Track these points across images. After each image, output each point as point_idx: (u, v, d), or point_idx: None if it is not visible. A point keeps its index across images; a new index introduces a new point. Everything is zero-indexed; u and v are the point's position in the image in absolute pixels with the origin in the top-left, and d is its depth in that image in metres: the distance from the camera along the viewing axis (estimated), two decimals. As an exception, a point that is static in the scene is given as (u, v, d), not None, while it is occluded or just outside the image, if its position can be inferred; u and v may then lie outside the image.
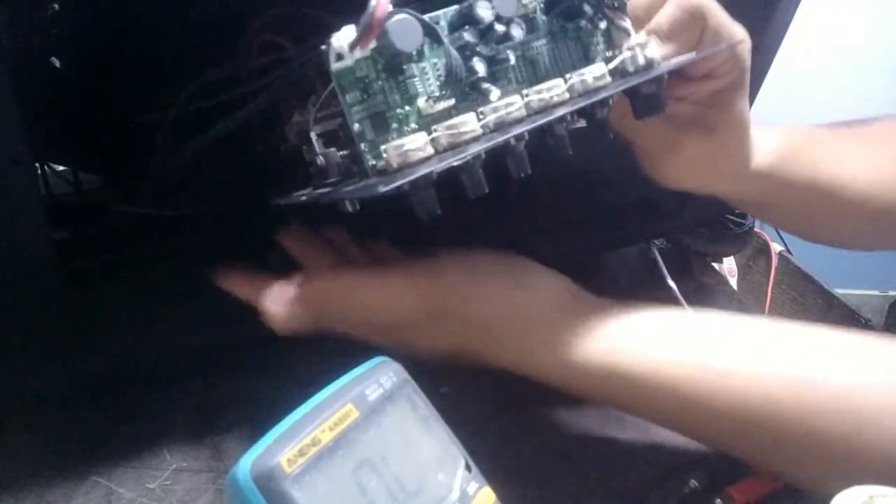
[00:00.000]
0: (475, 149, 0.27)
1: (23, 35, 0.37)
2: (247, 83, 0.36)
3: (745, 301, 0.62)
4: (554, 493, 0.35)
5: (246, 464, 0.22)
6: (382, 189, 0.24)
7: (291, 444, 0.23)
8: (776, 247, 0.79)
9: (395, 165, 0.27)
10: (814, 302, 0.98)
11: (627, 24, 0.32)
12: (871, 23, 1.32)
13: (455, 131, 0.27)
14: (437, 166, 0.25)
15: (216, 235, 0.42)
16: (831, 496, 0.27)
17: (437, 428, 0.27)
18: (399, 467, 0.25)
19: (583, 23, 0.32)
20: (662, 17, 0.32)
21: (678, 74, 0.35)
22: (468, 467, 0.27)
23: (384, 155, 0.27)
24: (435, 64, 0.29)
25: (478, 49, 0.29)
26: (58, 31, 0.39)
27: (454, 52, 0.28)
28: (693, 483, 0.35)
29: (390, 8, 0.26)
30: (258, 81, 0.35)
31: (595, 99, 0.30)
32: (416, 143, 0.27)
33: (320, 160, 0.30)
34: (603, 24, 0.33)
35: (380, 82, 0.28)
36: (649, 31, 0.32)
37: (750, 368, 0.32)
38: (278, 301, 0.34)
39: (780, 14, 0.46)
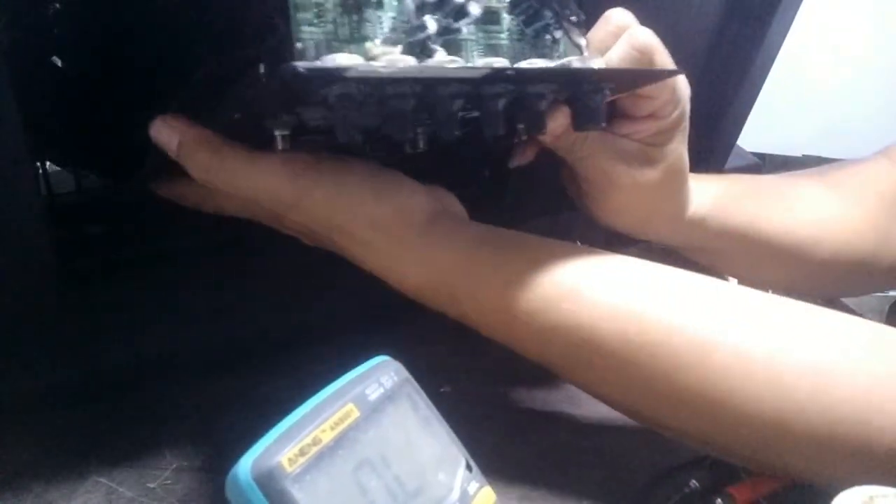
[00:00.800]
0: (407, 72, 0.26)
1: (23, 34, 0.37)
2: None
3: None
4: (554, 493, 0.35)
5: (246, 463, 0.22)
6: (291, 71, 0.23)
7: (292, 443, 0.23)
8: (776, 247, 0.79)
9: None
10: (813, 302, 0.97)
11: (582, 41, 0.34)
12: (872, 23, 1.32)
13: (392, 64, 0.27)
14: (362, 68, 0.25)
15: (216, 235, 0.43)
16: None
17: (438, 428, 0.27)
18: (399, 467, 0.25)
19: (541, 30, 0.33)
20: (614, 53, 0.34)
21: (623, 114, 0.38)
22: (469, 467, 0.27)
23: (318, 63, 0.26)
24: (392, 17, 0.29)
25: (434, 14, 0.29)
26: (59, 30, 0.39)
27: (410, 1, 0.28)
28: (693, 483, 0.35)
29: None
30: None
31: (532, 67, 0.30)
32: (350, 59, 0.26)
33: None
34: (559, 34, 0.34)
35: (334, 14, 0.27)
36: None
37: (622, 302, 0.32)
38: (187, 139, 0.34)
39: (781, 14, 0.46)
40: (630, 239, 0.45)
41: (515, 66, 0.31)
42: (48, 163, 0.44)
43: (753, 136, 0.58)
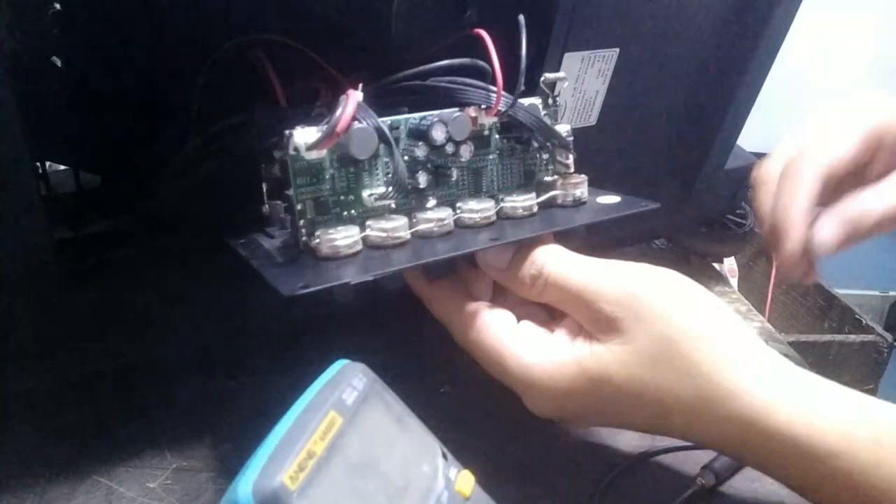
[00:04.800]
0: (399, 260, 0.29)
1: (24, 34, 0.37)
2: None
3: (746, 302, 0.62)
4: (555, 493, 0.35)
5: (246, 487, 0.21)
6: (291, 293, 0.26)
7: (289, 460, 0.22)
8: (776, 247, 0.79)
9: (323, 252, 0.29)
10: (814, 302, 0.98)
11: (570, 160, 0.36)
12: (871, 22, 1.32)
13: (386, 234, 0.30)
14: (354, 279, 0.27)
15: (216, 235, 0.42)
16: None
17: (412, 422, 0.28)
18: (387, 466, 0.25)
19: (530, 149, 0.36)
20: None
21: None
22: (444, 455, 0.27)
23: (316, 240, 0.29)
24: (386, 163, 0.31)
25: (428, 158, 0.32)
26: (59, 30, 0.39)
27: (402, 166, 0.31)
28: (700, 480, 0.35)
29: (352, 120, 0.29)
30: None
31: (517, 238, 0.33)
32: (347, 239, 0.29)
33: (265, 208, 0.33)
34: (546, 156, 0.36)
35: (331, 171, 0.30)
36: None
37: None
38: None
39: (780, 13, 0.46)
40: (624, 242, 0.44)
41: (506, 219, 0.34)
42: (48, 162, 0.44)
43: (753, 136, 0.58)
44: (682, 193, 0.53)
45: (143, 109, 0.40)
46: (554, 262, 0.32)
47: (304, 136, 0.28)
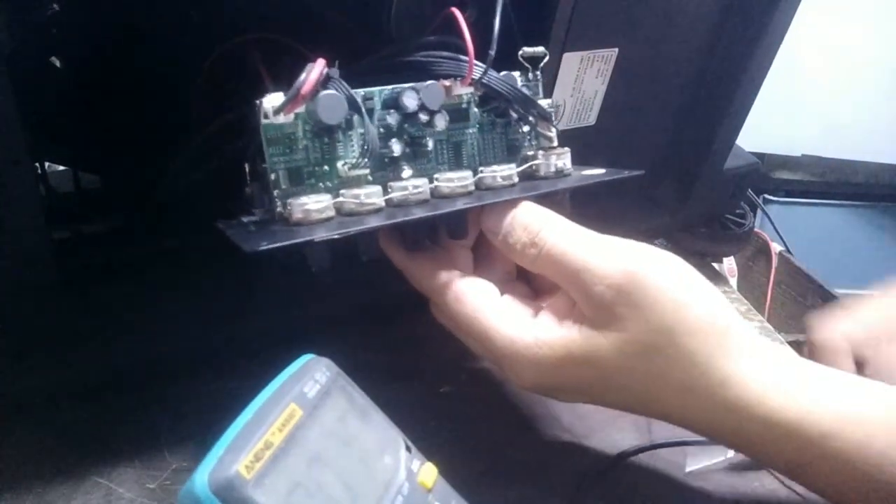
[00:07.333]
0: (370, 224, 0.29)
1: (23, 35, 0.37)
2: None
3: (746, 302, 0.62)
4: (554, 492, 0.35)
5: (202, 477, 0.22)
6: (253, 249, 0.26)
7: (246, 450, 0.22)
8: (776, 247, 0.79)
9: (294, 219, 0.29)
10: (814, 302, 0.97)
11: (553, 133, 0.36)
12: (871, 22, 1.32)
13: (358, 201, 0.30)
14: (318, 236, 0.27)
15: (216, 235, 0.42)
16: None
17: (375, 415, 0.28)
18: (347, 458, 0.25)
19: (510, 122, 0.35)
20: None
21: None
22: (408, 448, 0.27)
23: (287, 207, 0.29)
24: (361, 135, 0.31)
25: (404, 128, 0.32)
26: (58, 31, 0.39)
27: (373, 131, 0.31)
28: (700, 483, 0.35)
29: (320, 82, 0.28)
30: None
31: (494, 201, 0.32)
32: (318, 204, 0.29)
33: (248, 189, 0.33)
34: (527, 128, 0.36)
35: (305, 141, 0.30)
36: None
37: None
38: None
39: (779, 13, 0.46)
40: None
41: (486, 190, 0.33)
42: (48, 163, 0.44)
43: (753, 136, 0.58)
44: (682, 193, 0.53)
45: (142, 109, 0.40)
46: (552, 233, 0.31)
47: (271, 100, 0.29)
